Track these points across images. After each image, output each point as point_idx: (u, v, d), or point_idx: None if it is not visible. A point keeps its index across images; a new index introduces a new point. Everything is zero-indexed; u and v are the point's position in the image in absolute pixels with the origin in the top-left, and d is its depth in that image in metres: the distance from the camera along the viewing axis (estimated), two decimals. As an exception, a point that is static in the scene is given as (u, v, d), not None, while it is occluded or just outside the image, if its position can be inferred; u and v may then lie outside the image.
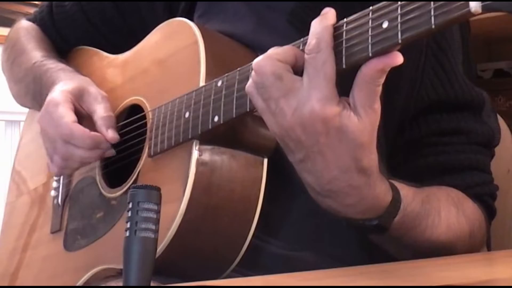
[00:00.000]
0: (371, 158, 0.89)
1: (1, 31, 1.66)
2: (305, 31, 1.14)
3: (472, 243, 1.08)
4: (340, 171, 0.89)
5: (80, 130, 1.19)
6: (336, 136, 0.86)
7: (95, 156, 1.20)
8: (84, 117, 1.23)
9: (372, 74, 0.83)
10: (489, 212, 1.14)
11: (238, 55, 1.14)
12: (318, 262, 1.08)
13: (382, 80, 0.84)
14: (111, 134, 1.19)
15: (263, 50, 1.14)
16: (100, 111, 1.21)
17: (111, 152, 1.21)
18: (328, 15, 0.89)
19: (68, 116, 1.19)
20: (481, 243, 1.11)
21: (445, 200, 1.06)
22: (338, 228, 1.12)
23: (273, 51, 0.91)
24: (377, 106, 0.86)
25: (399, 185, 0.98)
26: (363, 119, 0.85)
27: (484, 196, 1.13)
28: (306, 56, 0.87)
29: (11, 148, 1.59)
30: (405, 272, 0.93)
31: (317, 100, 0.85)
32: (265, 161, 1.08)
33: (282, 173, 1.12)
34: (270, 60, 0.90)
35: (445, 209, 1.04)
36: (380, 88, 0.85)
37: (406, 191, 0.99)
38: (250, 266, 1.08)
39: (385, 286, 0.83)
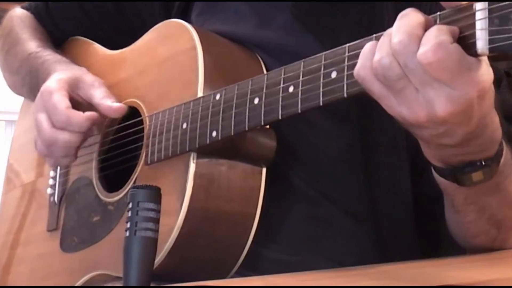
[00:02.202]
0: None
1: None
2: (311, 23, 1.13)
3: None
4: (482, 117, 0.84)
5: (76, 114, 1.17)
6: (487, 96, 0.82)
7: (80, 140, 1.18)
8: (80, 105, 1.22)
9: None
10: None
11: (237, 60, 1.14)
12: (317, 266, 1.08)
13: None
14: (117, 106, 1.18)
15: (267, 47, 1.14)
16: (99, 94, 1.20)
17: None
18: None
19: (62, 103, 1.18)
20: None
21: None
22: (336, 231, 1.12)
23: (412, 23, 0.78)
24: None
25: None
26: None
27: None
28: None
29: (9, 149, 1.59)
30: (405, 272, 0.93)
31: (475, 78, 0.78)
32: (264, 170, 1.07)
33: (281, 179, 1.12)
34: (415, 37, 0.78)
35: None
36: None
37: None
38: (250, 270, 1.08)
39: (385, 286, 0.83)
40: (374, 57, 0.80)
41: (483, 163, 0.89)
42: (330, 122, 1.12)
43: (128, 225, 0.76)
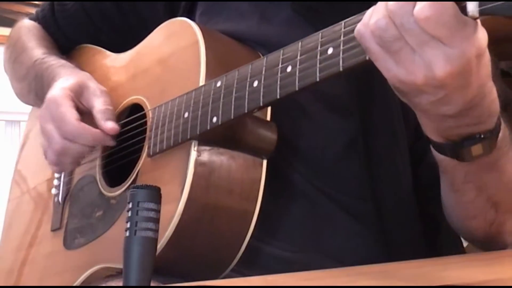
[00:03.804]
0: None
1: (1, 31, 1.66)
2: (312, 17, 1.13)
3: None
4: (481, 85, 0.84)
5: (85, 128, 1.19)
6: (484, 59, 0.81)
7: (88, 150, 1.21)
8: (84, 113, 1.23)
9: None
10: None
11: (238, 56, 1.14)
12: (318, 263, 1.08)
13: None
14: (110, 125, 1.19)
15: (268, 44, 1.15)
16: (99, 105, 1.21)
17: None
18: None
19: (71, 114, 1.19)
20: None
21: None
22: (337, 228, 1.12)
23: None
24: None
25: None
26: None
27: None
28: None
29: (11, 148, 1.59)
30: (405, 272, 0.93)
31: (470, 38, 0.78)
32: (265, 162, 1.08)
33: (281, 176, 1.12)
34: None
35: None
36: None
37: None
38: (249, 267, 1.08)
39: (385, 286, 0.83)
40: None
41: (482, 136, 0.89)
42: (331, 118, 1.13)
43: (128, 225, 0.76)
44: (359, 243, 1.12)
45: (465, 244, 1.18)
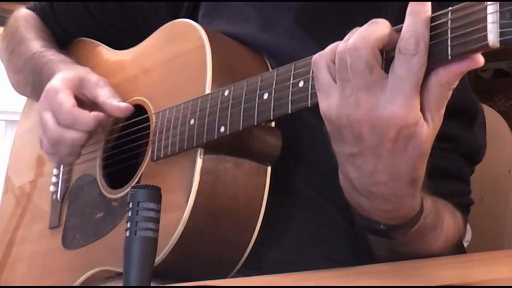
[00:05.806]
0: (424, 168, 0.85)
1: (1, 31, 1.66)
2: (313, 30, 1.13)
3: (453, 252, 1.07)
4: (391, 178, 0.84)
5: (82, 113, 1.17)
6: (404, 144, 0.80)
7: (85, 138, 1.19)
8: (86, 105, 1.22)
9: (450, 78, 0.78)
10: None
11: (244, 60, 1.14)
12: (319, 266, 1.08)
13: (457, 83, 0.80)
14: (124, 106, 1.18)
15: (269, 50, 1.14)
16: (105, 93, 1.20)
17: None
18: (427, 7, 0.78)
19: (68, 101, 1.18)
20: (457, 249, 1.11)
21: (447, 210, 1.04)
22: (338, 234, 1.12)
23: (374, 34, 0.79)
24: (443, 110, 0.81)
25: (424, 195, 0.94)
26: (430, 125, 0.80)
27: (463, 207, 1.12)
28: (399, 54, 0.78)
29: (11, 148, 1.60)
30: (404, 272, 0.93)
31: (401, 106, 0.78)
32: (269, 169, 1.08)
33: (283, 180, 1.12)
34: (370, 46, 0.79)
35: (446, 221, 1.03)
36: (451, 92, 0.80)
37: (429, 204, 0.95)
38: (252, 269, 1.08)
39: (385, 286, 0.83)
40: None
41: (385, 227, 0.92)
42: None
43: (128, 225, 0.76)
44: (360, 247, 1.12)
45: (465, 244, 1.18)
